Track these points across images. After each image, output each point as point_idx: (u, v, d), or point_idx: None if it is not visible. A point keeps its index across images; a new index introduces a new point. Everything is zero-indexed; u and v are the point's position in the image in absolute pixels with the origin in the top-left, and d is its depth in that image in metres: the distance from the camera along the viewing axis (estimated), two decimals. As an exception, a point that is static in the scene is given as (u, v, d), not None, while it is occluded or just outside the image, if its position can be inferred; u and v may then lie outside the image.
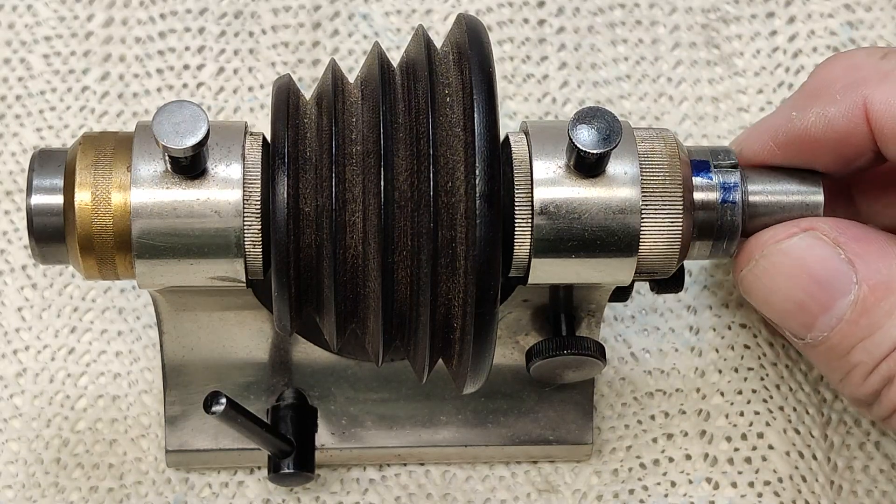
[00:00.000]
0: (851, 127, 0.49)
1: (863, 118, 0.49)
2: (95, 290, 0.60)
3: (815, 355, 0.50)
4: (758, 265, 0.50)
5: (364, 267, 0.47)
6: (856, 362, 0.48)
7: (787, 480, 0.56)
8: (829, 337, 0.48)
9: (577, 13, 0.65)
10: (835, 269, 0.48)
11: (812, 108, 0.50)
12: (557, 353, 0.53)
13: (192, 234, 0.48)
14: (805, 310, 0.49)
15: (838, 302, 0.48)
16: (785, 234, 0.49)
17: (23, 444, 0.57)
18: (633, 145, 0.49)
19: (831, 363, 0.49)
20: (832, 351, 0.49)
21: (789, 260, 0.49)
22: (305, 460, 0.54)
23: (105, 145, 0.49)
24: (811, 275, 0.48)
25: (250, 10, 0.65)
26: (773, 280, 0.49)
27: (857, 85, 0.49)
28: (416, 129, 0.47)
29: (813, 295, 0.48)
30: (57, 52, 0.64)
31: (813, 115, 0.50)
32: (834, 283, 0.48)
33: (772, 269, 0.49)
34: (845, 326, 0.48)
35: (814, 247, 0.49)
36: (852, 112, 0.49)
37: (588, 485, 0.57)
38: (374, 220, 0.46)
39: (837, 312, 0.48)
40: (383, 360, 0.49)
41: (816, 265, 0.48)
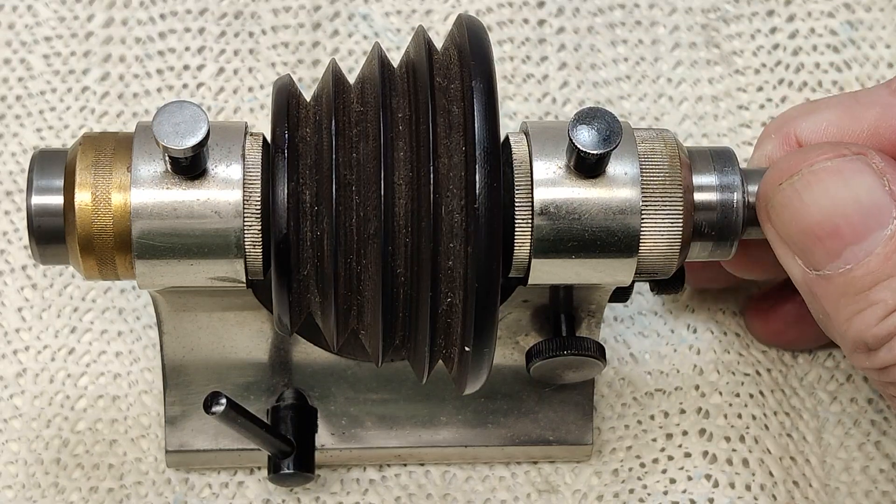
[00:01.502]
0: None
1: (797, 147, 0.51)
2: (95, 291, 0.60)
3: (828, 288, 0.48)
4: (802, 179, 0.48)
5: (364, 266, 0.47)
6: (876, 300, 0.46)
7: (780, 485, 0.56)
8: (853, 269, 0.47)
9: (577, 13, 0.65)
10: (878, 198, 0.47)
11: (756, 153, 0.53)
12: (557, 353, 0.53)
13: (193, 235, 0.48)
14: (836, 235, 0.47)
15: (873, 234, 0.46)
16: (835, 153, 0.48)
17: (23, 445, 0.57)
18: (633, 146, 0.49)
19: (846, 298, 0.47)
20: (852, 285, 0.47)
21: (836, 179, 0.47)
22: (305, 461, 0.54)
23: (105, 146, 0.49)
24: (855, 199, 0.47)
25: (250, 11, 0.65)
26: (813, 197, 0.47)
27: (786, 122, 0.52)
28: (417, 129, 0.47)
29: (850, 221, 0.47)
30: (57, 52, 0.64)
31: (757, 157, 0.52)
32: (874, 214, 0.47)
33: (816, 186, 0.48)
34: (874, 260, 0.46)
35: (863, 171, 0.47)
36: (786, 143, 0.51)
37: (588, 485, 0.57)
38: (374, 220, 0.46)
39: (869, 245, 0.46)
40: (383, 360, 0.49)
41: (862, 190, 0.47)
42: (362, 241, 0.47)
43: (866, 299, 0.47)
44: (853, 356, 0.48)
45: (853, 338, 0.48)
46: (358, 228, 0.47)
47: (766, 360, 0.59)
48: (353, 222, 0.47)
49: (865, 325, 0.47)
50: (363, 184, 0.47)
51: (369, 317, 0.48)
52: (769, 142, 0.52)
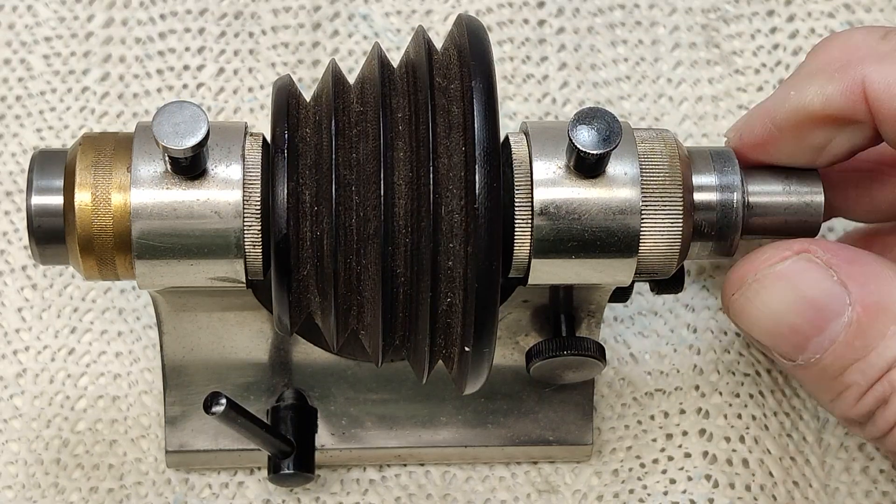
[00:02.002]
0: (849, 105, 0.49)
1: (861, 97, 0.49)
2: (95, 291, 0.60)
3: (806, 376, 0.49)
4: (750, 288, 0.49)
5: (364, 266, 0.47)
6: (849, 383, 0.48)
7: (780, 485, 0.56)
8: (822, 358, 0.48)
9: (577, 14, 0.65)
10: (828, 291, 0.48)
11: (810, 86, 0.50)
12: (557, 353, 0.53)
13: (192, 235, 0.48)
14: (798, 332, 0.48)
15: (832, 324, 0.48)
16: (778, 258, 0.49)
17: (23, 445, 0.57)
18: (632, 146, 0.49)
19: (823, 384, 0.49)
20: (825, 372, 0.48)
21: (783, 282, 0.49)
22: (305, 461, 0.54)
23: (105, 146, 0.49)
24: (805, 297, 0.48)
25: (250, 11, 0.65)
26: (765, 303, 0.49)
27: (855, 64, 0.49)
28: (417, 129, 0.47)
29: (806, 317, 0.48)
30: (57, 52, 0.64)
31: (811, 93, 0.50)
32: (828, 305, 0.48)
33: (764, 292, 0.49)
34: (839, 348, 0.48)
35: (807, 269, 0.48)
36: (850, 90, 0.49)
37: (588, 485, 0.57)
38: (374, 219, 0.46)
39: (831, 334, 0.48)
40: (383, 360, 0.49)
41: (810, 288, 0.48)
42: (362, 241, 0.47)
43: (841, 383, 0.48)
44: (850, 429, 0.51)
45: (840, 417, 0.50)
46: (358, 228, 0.47)
47: (766, 361, 0.59)
48: (352, 222, 0.47)
49: (846, 406, 0.49)
50: (363, 184, 0.47)
51: (369, 317, 0.48)
52: (830, 80, 0.50)
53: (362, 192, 0.47)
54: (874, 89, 0.48)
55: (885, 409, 0.48)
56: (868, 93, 0.49)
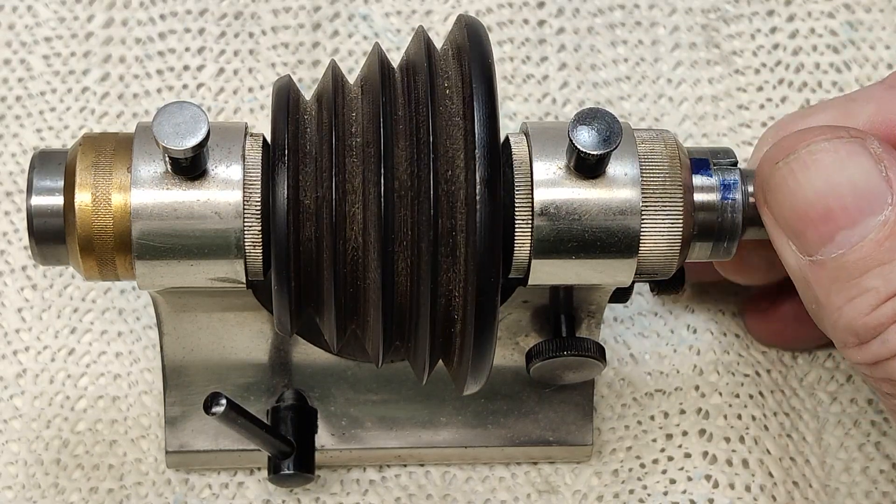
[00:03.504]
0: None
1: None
2: (95, 291, 0.60)
3: (821, 274, 0.47)
4: (798, 158, 0.47)
5: (364, 259, 0.47)
6: (868, 287, 0.46)
7: (780, 486, 0.56)
8: (846, 254, 0.46)
9: (577, 14, 0.65)
10: (874, 183, 0.46)
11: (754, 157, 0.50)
12: (557, 354, 0.53)
13: (193, 235, 0.48)
14: (830, 218, 0.46)
15: (867, 219, 0.46)
16: (833, 134, 0.47)
17: (23, 445, 0.57)
18: (633, 146, 0.49)
19: (837, 284, 0.46)
20: (844, 270, 0.46)
21: (833, 160, 0.46)
22: (305, 461, 0.54)
23: (105, 146, 0.49)
24: (850, 181, 0.46)
25: (250, 11, 0.65)
26: (809, 177, 0.47)
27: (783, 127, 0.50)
28: (416, 119, 0.47)
29: (845, 204, 0.46)
30: (57, 52, 0.64)
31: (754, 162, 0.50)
32: (868, 198, 0.46)
33: (812, 166, 0.47)
34: (868, 246, 0.45)
35: (860, 155, 0.46)
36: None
37: (588, 486, 0.57)
38: (374, 210, 0.46)
39: (863, 230, 0.46)
40: (383, 360, 0.49)
41: (858, 173, 0.46)
42: (362, 242, 0.47)
43: (858, 286, 0.46)
44: (845, 350, 0.48)
45: (844, 327, 0.47)
46: (358, 229, 0.47)
47: (765, 361, 0.59)
48: (353, 222, 0.47)
49: (857, 313, 0.46)
50: (363, 184, 0.47)
51: (369, 317, 0.48)
52: (765, 145, 0.51)
53: (362, 193, 0.47)
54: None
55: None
56: None
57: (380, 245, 0.46)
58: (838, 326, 0.47)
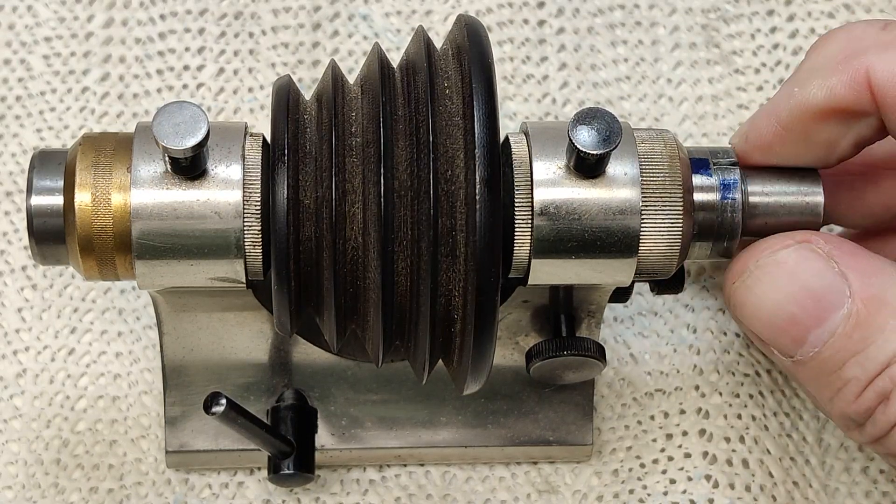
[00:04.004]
0: (854, 96, 0.48)
1: (865, 87, 0.48)
2: (95, 291, 0.60)
3: (805, 373, 0.49)
4: (751, 276, 0.49)
5: (364, 258, 0.47)
6: (849, 378, 0.47)
7: (780, 486, 0.56)
8: (821, 352, 0.48)
9: (577, 14, 0.65)
10: (829, 282, 0.47)
11: (813, 81, 0.49)
12: (557, 353, 0.53)
13: (192, 235, 0.48)
14: (797, 323, 0.48)
15: (831, 316, 0.47)
16: (780, 245, 0.49)
17: (23, 445, 0.57)
18: (632, 146, 0.49)
19: (822, 379, 0.48)
20: (823, 366, 0.48)
21: (783, 271, 0.48)
22: (305, 461, 0.54)
23: (105, 146, 0.49)
24: (805, 287, 0.48)
25: (250, 11, 0.65)
26: (765, 291, 0.49)
27: (857, 54, 0.48)
28: (416, 119, 0.47)
29: (806, 308, 0.48)
30: (57, 52, 0.64)
31: (814, 88, 0.49)
32: (827, 297, 0.47)
33: (765, 280, 0.49)
34: (838, 340, 0.47)
35: (809, 259, 0.48)
36: (854, 80, 0.48)
37: (588, 485, 0.57)
38: (374, 209, 0.46)
39: (830, 326, 0.47)
40: (383, 360, 0.49)
41: (811, 277, 0.48)
42: (362, 242, 0.47)
43: (840, 378, 0.48)
44: (849, 434, 0.49)
45: (838, 416, 0.49)
46: (358, 228, 0.47)
47: (765, 361, 0.59)
48: (352, 222, 0.47)
49: (845, 403, 0.48)
50: (363, 184, 0.47)
51: (369, 317, 0.48)
52: (833, 72, 0.49)
53: (362, 192, 0.47)
54: (878, 78, 0.48)
55: (885, 406, 0.47)
56: (872, 82, 0.48)
57: (380, 245, 0.46)
58: (833, 416, 0.49)
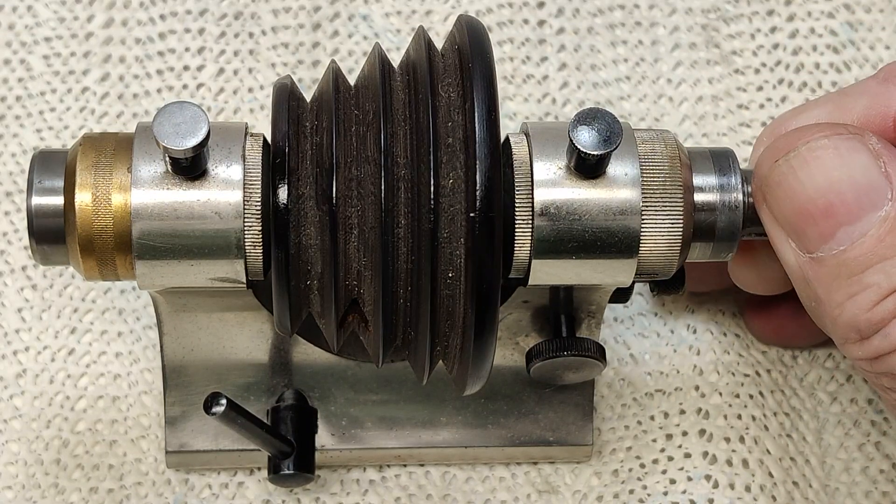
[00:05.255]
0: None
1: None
2: (95, 291, 0.60)
3: (820, 272, 0.47)
4: (798, 156, 0.47)
5: (364, 266, 0.47)
6: (869, 283, 0.45)
7: (780, 486, 0.56)
8: (847, 251, 0.46)
9: (577, 14, 0.65)
10: (873, 179, 0.46)
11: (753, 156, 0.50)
12: (558, 354, 0.53)
13: (193, 235, 0.48)
14: (830, 215, 0.46)
15: (868, 215, 0.46)
16: (832, 131, 0.47)
17: (23, 445, 0.57)
18: (633, 146, 0.49)
19: (838, 281, 0.46)
20: (845, 267, 0.46)
21: (832, 156, 0.46)
22: (305, 461, 0.54)
23: (105, 146, 0.49)
24: (850, 178, 0.46)
25: (250, 11, 0.65)
26: (809, 174, 0.46)
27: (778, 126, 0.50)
28: (417, 128, 0.47)
29: (845, 200, 0.46)
30: (57, 53, 0.64)
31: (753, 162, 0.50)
32: (869, 194, 0.46)
33: (812, 163, 0.46)
34: (868, 241, 0.45)
35: (859, 151, 0.46)
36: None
37: (588, 486, 0.57)
38: (375, 209, 0.46)
39: (863, 226, 0.46)
40: (383, 360, 0.49)
41: (857, 170, 0.46)
42: (362, 242, 0.47)
43: (859, 282, 0.46)
44: (845, 346, 0.47)
45: (845, 323, 0.47)
46: (358, 228, 0.47)
47: (765, 361, 0.59)
48: (353, 222, 0.47)
49: (858, 309, 0.46)
50: (363, 184, 0.47)
51: (370, 317, 0.48)
52: (762, 146, 0.51)
53: (362, 193, 0.47)
54: None
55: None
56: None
57: (380, 244, 0.46)
58: (839, 323, 0.47)
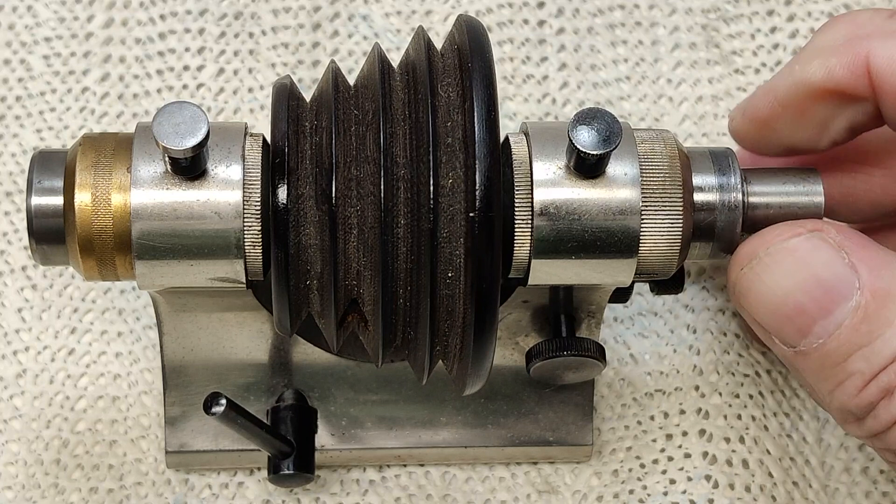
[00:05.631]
0: (852, 79, 0.49)
1: (864, 71, 0.49)
2: (95, 292, 0.60)
3: (806, 364, 0.48)
4: (760, 262, 0.48)
5: (364, 266, 0.47)
6: (853, 371, 0.47)
7: (780, 486, 0.56)
8: (826, 343, 0.47)
9: (577, 14, 0.65)
10: (838, 272, 0.47)
11: (814, 60, 0.50)
12: (557, 354, 0.53)
13: (192, 235, 0.48)
14: (804, 313, 0.47)
15: (839, 307, 0.47)
16: (790, 233, 0.48)
17: (23, 445, 0.57)
18: (632, 146, 0.49)
19: (824, 371, 0.48)
20: (827, 358, 0.47)
21: (793, 259, 0.48)
22: (305, 461, 0.54)
23: (105, 146, 0.49)
24: (815, 276, 0.47)
25: (250, 11, 0.65)
26: (775, 279, 0.48)
27: (860, 39, 0.49)
28: (417, 130, 0.47)
29: (814, 297, 0.47)
30: (57, 53, 0.64)
31: (814, 67, 0.49)
32: (836, 287, 0.47)
33: (774, 268, 0.48)
34: (844, 332, 0.46)
35: (819, 248, 0.47)
36: (854, 64, 0.49)
37: (588, 486, 0.57)
38: (374, 209, 0.46)
39: (837, 318, 0.47)
40: (383, 361, 0.49)
41: (820, 267, 0.47)
42: (362, 242, 0.47)
43: (843, 371, 0.47)
44: (846, 427, 0.49)
45: (839, 409, 0.48)
46: (358, 228, 0.47)
47: (765, 361, 0.59)
48: (352, 222, 0.47)
49: (847, 396, 0.47)
50: (363, 184, 0.47)
51: (369, 317, 0.48)
52: (834, 53, 0.50)
53: (362, 192, 0.47)
54: (878, 64, 0.48)
55: (889, 401, 0.47)
56: (872, 68, 0.48)
57: (379, 244, 0.46)
58: (832, 409, 0.48)
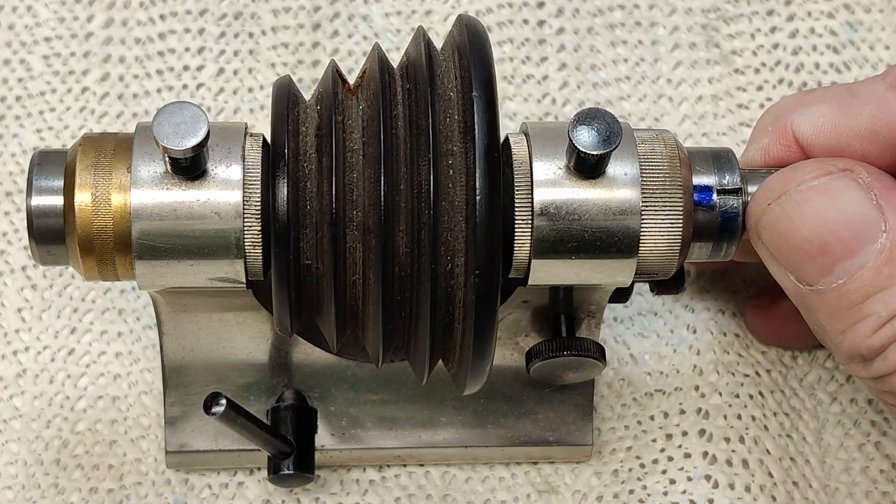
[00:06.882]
0: (785, 151, 0.51)
1: (793, 140, 0.51)
2: (95, 292, 0.60)
3: (820, 302, 0.48)
4: (789, 199, 0.48)
5: (364, 267, 0.47)
6: (869, 313, 0.47)
7: (780, 486, 0.56)
8: (846, 283, 0.47)
9: (577, 14, 0.65)
10: (866, 213, 0.47)
11: (751, 145, 0.53)
12: (557, 354, 0.53)
13: (192, 235, 0.48)
14: (828, 252, 0.47)
15: (864, 248, 0.47)
16: (822, 171, 0.48)
17: (22, 446, 0.57)
18: (633, 146, 0.49)
19: (839, 312, 0.48)
20: (845, 298, 0.47)
21: (824, 197, 0.48)
22: (305, 461, 0.54)
23: (105, 146, 0.49)
24: (843, 216, 0.47)
25: (250, 11, 0.65)
26: (802, 216, 0.48)
27: (782, 115, 0.52)
28: (416, 129, 0.47)
29: (840, 237, 0.47)
30: (57, 53, 0.64)
31: (752, 150, 0.53)
32: (863, 229, 0.47)
33: (805, 205, 0.48)
34: (867, 273, 0.47)
35: (850, 188, 0.48)
36: (782, 136, 0.51)
37: (588, 486, 0.57)
38: (374, 209, 0.46)
39: (860, 259, 0.47)
40: (383, 361, 0.49)
41: (850, 207, 0.47)
42: (362, 242, 0.47)
43: (860, 312, 0.47)
44: (849, 366, 0.49)
45: (848, 350, 0.48)
46: (358, 229, 0.47)
47: (765, 361, 0.59)
48: (353, 223, 0.47)
49: (860, 337, 0.47)
50: (363, 184, 0.47)
51: (369, 318, 0.48)
52: (765, 134, 0.52)
53: (362, 193, 0.47)
54: (801, 131, 0.51)
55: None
56: (798, 136, 0.51)
57: (380, 244, 0.46)
58: (842, 349, 0.48)
